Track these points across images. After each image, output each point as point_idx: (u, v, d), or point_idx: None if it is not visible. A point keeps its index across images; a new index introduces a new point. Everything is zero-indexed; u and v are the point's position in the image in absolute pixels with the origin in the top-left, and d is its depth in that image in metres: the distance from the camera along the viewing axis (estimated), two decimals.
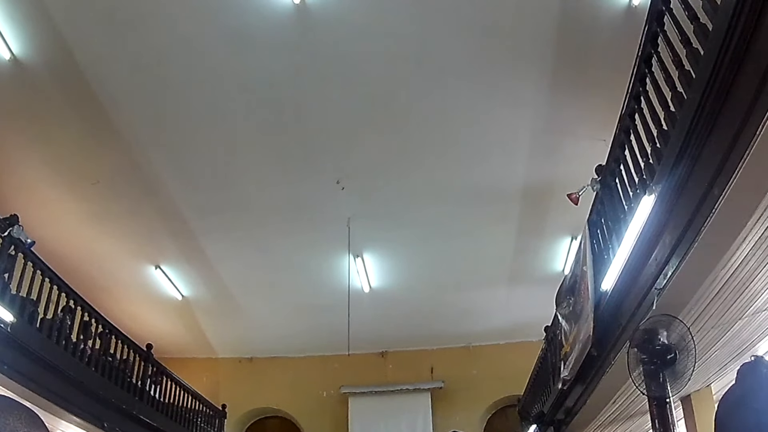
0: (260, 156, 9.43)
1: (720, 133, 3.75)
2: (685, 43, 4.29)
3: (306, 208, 10.50)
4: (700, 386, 7.09)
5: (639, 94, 5.26)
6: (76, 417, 8.48)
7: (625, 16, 6.97)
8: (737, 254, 4.41)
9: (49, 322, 8.25)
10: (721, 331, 5.79)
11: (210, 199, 10.29)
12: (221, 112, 8.55)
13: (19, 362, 7.20)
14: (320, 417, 15.52)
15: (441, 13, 7.18)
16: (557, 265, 12.02)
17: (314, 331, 14.43)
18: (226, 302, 13.38)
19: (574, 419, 8.84)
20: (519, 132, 8.93)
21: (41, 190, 9.94)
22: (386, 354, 15.87)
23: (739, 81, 3.47)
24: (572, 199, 7.87)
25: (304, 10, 7.08)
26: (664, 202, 4.54)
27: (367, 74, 8.04)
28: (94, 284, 11.86)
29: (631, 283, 5.51)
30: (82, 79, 7.90)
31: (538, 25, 7.30)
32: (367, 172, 9.75)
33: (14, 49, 7.46)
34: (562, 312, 8.22)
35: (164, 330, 14.21)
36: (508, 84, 8.15)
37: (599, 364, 6.73)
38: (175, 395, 12.46)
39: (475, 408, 15.19)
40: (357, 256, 11.71)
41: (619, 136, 5.86)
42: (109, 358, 9.92)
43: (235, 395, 15.37)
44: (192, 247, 11.51)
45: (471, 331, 14.91)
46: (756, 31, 3.24)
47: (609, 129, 6.25)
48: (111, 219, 10.71)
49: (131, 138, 8.94)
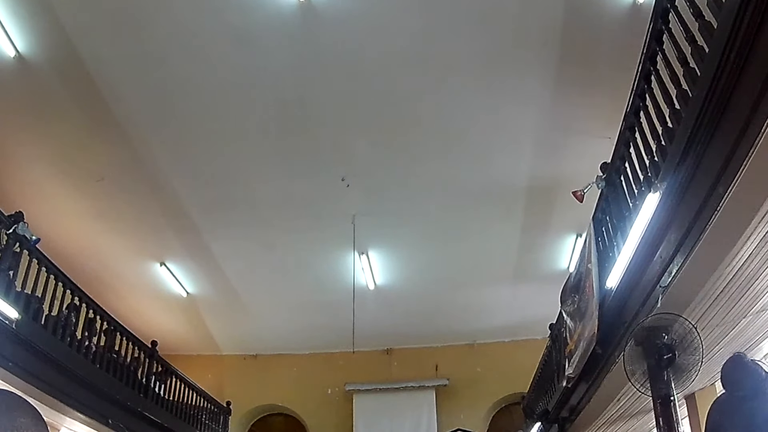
0: (265, 153, 9.43)
1: (725, 131, 3.73)
2: (690, 41, 4.27)
3: (311, 205, 10.51)
4: (705, 384, 7.09)
5: (644, 92, 5.25)
6: (80, 414, 8.51)
7: (630, 13, 6.95)
8: (742, 252, 4.41)
9: (54, 319, 8.27)
10: (726, 329, 5.79)
11: (215, 196, 10.30)
12: (226, 109, 8.56)
13: (24, 359, 7.21)
14: (325, 414, 15.54)
15: (445, 12, 7.17)
16: (562, 262, 12.01)
17: (319, 328, 14.45)
18: (231, 299, 13.41)
19: (578, 417, 8.84)
20: (524, 129, 8.92)
21: (46, 187, 9.96)
22: (391, 351, 15.88)
23: (744, 79, 3.46)
24: (577, 197, 7.84)
25: (308, 7, 7.08)
26: (668, 200, 4.53)
27: (371, 72, 8.03)
28: (98, 281, 11.90)
29: (636, 280, 5.51)
30: (86, 76, 7.91)
31: (543, 23, 7.29)
32: (372, 169, 9.75)
33: (19, 46, 7.48)
34: (567, 310, 8.21)
35: (169, 327, 14.25)
36: (513, 81, 8.13)
37: (604, 361, 6.73)
38: (180, 392, 12.51)
39: (480, 405, 15.20)
40: (362, 253, 11.71)
41: (624, 133, 5.85)
42: (113, 355, 9.95)
43: (239, 392, 15.42)
44: (197, 244, 11.53)
45: (476, 329, 14.92)
46: (760, 29, 3.23)
47: (614, 126, 6.24)
48: (116, 216, 10.73)
49: (136, 135, 8.96)
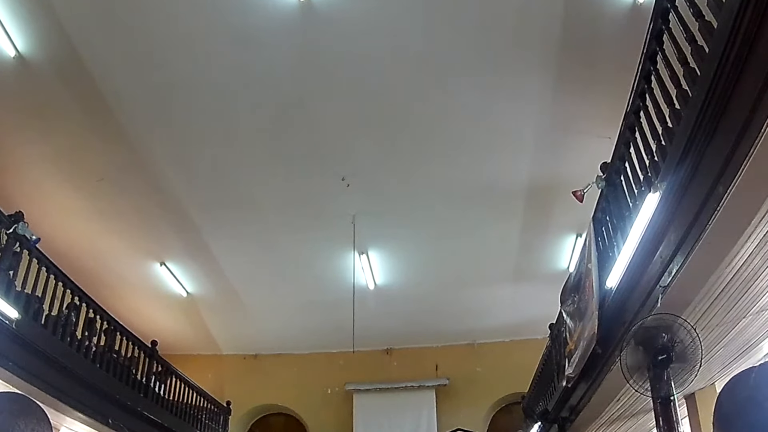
0: (265, 153, 9.44)
1: (725, 131, 3.73)
2: (690, 41, 4.27)
3: (311, 204, 10.51)
4: (705, 384, 7.09)
5: (644, 92, 5.25)
6: (80, 414, 8.50)
7: (631, 13, 6.95)
8: (742, 252, 4.41)
9: (54, 318, 8.27)
10: (725, 329, 5.79)
11: (215, 196, 10.30)
12: (226, 108, 8.56)
13: (24, 359, 7.21)
14: (325, 414, 15.54)
15: (445, 11, 7.18)
16: (562, 262, 12.01)
17: (319, 328, 14.44)
18: (231, 299, 13.41)
19: (578, 417, 8.84)
20: (524, 129, 8.92)
21: (46, 187, 9.96)
22: (391, 351, 15.88)
23: (744, 78, 3.46)
24: (577, 197, 7.84)
25: (308, 8, 7.08)
26: (668, 200, 4.53)
27: (371, 72, 8.04)
28: (98, 281, 11.90)
29: (636, 280, 5.51)
30: (86, 76, 7.92)
31: (543, 22, 7.29)
32: (372, 169, 9.75)
33: (19, 46, 7.48)
34: (567, 309, 8.21)
35: (169, 327, 14.25)
36: (512, 81, 8.13)
37: (603, 361, 6.73)
38: (180, 392, 12.51)
39: (480, 405, 15.20)
40: (362, 253, 11.71)
41: (624, 133, 5.85)
42: (114, 355, 9.94)
43: (239, 392, 15.42)
44: (197, 244, 11.53)
45: (475, 329, 14.92)
46: (760, 29, 3.23)
47: (614, 126, 6.24)
48: (116, 216, 10.74)
49: (136, 135, 8.96)
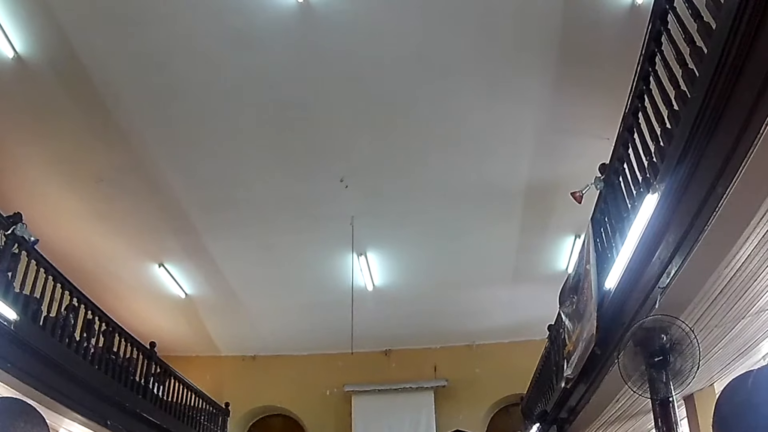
0: (264, 154, 9.43)
1: (723, 132, 3.74)
2: (688, 42, 4.27)
3: (310, 206, 10.49)
4: (704, 385, 7.10)
5: (642, 93, 5.26)
6: (79, 415, 8.49)
7: (629, 14, 6.95)
8: (740, 253, 4.41)
9: (52, 320, 8.27)
10: (724, 330, 5.79)
11: (214, 197, 10.29)
12: (225, 110, 8.55)
13: (22, 360, 7.20)
14: (323, 415, 15.53)
15: (444, 12, 7.17)
16: (560, 263, 12.01)
17: (318, 329, 14.42)
18: (230, 300, 13.39)
19: (577, 418, 8.84)
20: (522, 130, 8.91)
21: (45, 188, 9.95)
22: (390, 352, 15.86)
23: (743, 80, 3.46)
24: (576, 198, 7.84)
25: (307, 8, 7.08)
26: (667, 201, 4.53)
27: (370, 72, 8.03)
28: (97, 282, 11.88)
29: (635, 281, 5.51)
30: (85, 77, 7.91)
31: (542, 23, 7.29)
32: (371, 170, 9.74)
33: (18, 47, 7.46)
34: (566, 311, 8.21)
35: (168, 328, 14.23)
36: (511, 82, 8.13)
37: (602, 362, 6.73)
38: (179, 393, 12.50)
39: (479, 406, 15.18)
40: (360, 254, 11.71)
41: (623, 134, 5.86)
42: (112, 357, 9.93)
43: (238, 393, 15.40)
44: (195, 245, 11.52)
45: (474, 330, 14.90)
46: (759, 30, 3.23)
47: (612, 127, 6.25)
48: (114, 217, 10.72)
49: (135, 136, 8.94)
